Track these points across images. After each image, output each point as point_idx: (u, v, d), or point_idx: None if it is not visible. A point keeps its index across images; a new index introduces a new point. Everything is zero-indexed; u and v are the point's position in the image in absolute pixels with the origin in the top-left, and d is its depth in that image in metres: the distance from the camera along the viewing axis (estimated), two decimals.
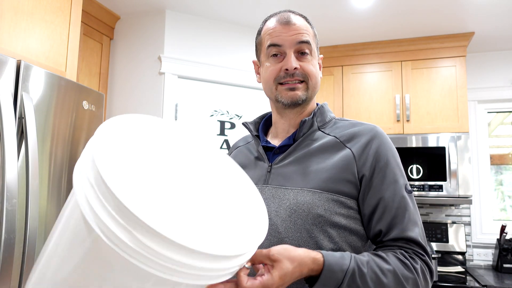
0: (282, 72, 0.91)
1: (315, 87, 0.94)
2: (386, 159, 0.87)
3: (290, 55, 0.90)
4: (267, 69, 0.94)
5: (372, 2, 2.39)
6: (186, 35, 2.57)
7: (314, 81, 0.93)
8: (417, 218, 0.85)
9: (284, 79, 0.91)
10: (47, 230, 1.37)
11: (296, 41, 0.90)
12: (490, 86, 3.05)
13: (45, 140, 1.39)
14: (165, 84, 2.47)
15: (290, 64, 0.89)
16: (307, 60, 0.92)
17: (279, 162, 0.92)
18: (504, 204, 3.04)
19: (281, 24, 0.92)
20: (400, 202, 0.84)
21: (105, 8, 2.47)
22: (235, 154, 1.06)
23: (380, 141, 0.88)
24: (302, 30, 0.92)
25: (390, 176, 0.85)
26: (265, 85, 0.96)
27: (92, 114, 1.61)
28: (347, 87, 2.97)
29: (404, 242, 0.82)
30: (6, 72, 1.27)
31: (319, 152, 0.90)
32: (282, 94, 0.92)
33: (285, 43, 0.91)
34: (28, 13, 1.59)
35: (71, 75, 1.77)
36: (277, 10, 2.82)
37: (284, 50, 0.91)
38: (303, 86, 0.92)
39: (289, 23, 0.92)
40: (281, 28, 0.92)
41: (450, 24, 2.64)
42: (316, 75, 0.93)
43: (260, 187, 0.90)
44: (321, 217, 0.83)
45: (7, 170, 1.18)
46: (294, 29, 0.91)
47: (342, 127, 0.94)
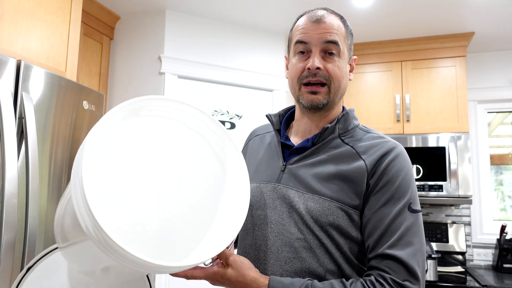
0: (305, 72, 0.89)
1: (338, 91, 0.90)
2: (394, 175, 0.83)
3: (315, 54, 0.88)
4: (293, 67, 0.92)
5: (372, 2, 2.39)
6: (186, 35, 2.57)
7: (337, 84, 0.89)
8: (413, 239, 0.78)
9: (306, 79, 0.89)
10: (47, 230, 1.37)
11: (323, 40, 0.88)
12: (490, 86, 3.05)
13: (45, 140, 1.39)
14: (165, 84, 2.47)
15: (312, 64, 0.87)
16: (333, 61, 0.89)
17: (294, 163, 0.92)
18: (504, 204, 3.04)
19: (311, 21, 0.91)
20: (396, 219, 0.79)
21: (105, 8, 2.47)
22: (254, 141, 1.06)
23: (394, 156, 0.85)
24: (331, 29, 0.89)
25: (393, 192, 0.82)
26: (290, 83, 0.95)
27: (92, 114, 1.61)
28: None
29: (387, 263, 0.76)
30: (6, 72, 1.27)
31: (335, 160, 0.88)
32: (303, 96, 0.90)
33: (312, 41, 0.89)
34: (28, 13, 1.59)
35: (71, 75, 1.77)
36: (277, 10, 2.81)
37: (310, 48, 0.89)
38: (325, 90, 0.89)
39: (319, 21, 0.89)
40: (310, 25, 0.90)
41: (450, 24, 2.64)
42: (340, 78, 0.90)
43: (273, 185, 0.91)
44: (330, 225, 0.84)
45: (7, 170, 1.18)
46: (323, 27, 0.89)
47: (362, 139, 0.91)
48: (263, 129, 1.08)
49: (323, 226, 0.84)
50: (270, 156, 0.97)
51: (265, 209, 0.90)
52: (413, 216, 0.80)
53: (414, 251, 0.77)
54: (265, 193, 0.91)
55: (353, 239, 0.84)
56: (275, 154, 0.97)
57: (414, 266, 0.75)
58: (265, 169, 0.95)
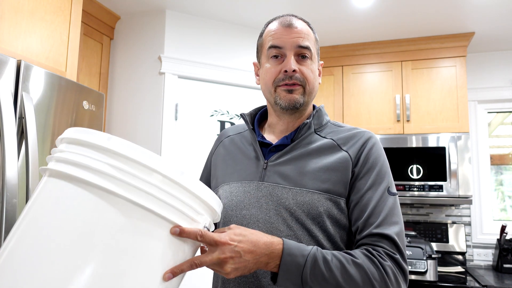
0: (281, 74, 0.91)
1: (311, 92, 0.94)
2: (374, 161, 0.89)
3: (290, 57, 0.90)
4: (267, 71, 0.94)
5: (372, 2, 2.39)
6: (186, 35, 2.57)
7: (311, 86, 0.93)
8: (397, 219, 0.84)
9: (283, 81, 0.91)
10: None
11: (296, 44, 0.91)
12: (490, 86, 3.05)
13: (45, 140, 1.39)
14: (165, 84, 2.47)
15: (289, 66, 0.89)
16: (306, 64, 0.92)
17: (276, 160, 0.92)
18: (504, 204, 3.04)
19: (283, 26, 0.93)
20: (379, 202, 0.85)
21: (105, 8, 2.47)
22: (225, 143, 1.05)
23: (372, 144, 0.91)
24: (303, 34, 0.92)
25: (374, 177, 0.88)
26: (264, 87, 0.96)
27: (92, 114, 1.61)
28: (347, 87, 2.96)
29: (377, 239, 0.81)
30: (6, 72, 1.26)
31: (316, 153, 0.91)
32: (280, 96, 0.92)
33: (286, 45, 0.91)
34: (28, 13, 1.59)
35: (71, 75, 1.77)
36: (277, 10, 2.82)
37: (284, 52, 0.91)
38: (300, 90, 0.92)
39: (291, 26, 0.92)
40: (283, 30, 0.92)
41: (450, 24, 2.64)
42: (313, 80, 0.93)
43: (256, 183, 0.91)
44: (321, 217, 0.86)
45: (7, 170, 1.18)
46: (295, 32, 0.91)
47: (337, 131, 0.96)
48: (233, 130, 1.08)
49: (315, 218, 0.86)
50: (248, 155, 0.97)
51: (250, 209, 0.89)
52: (392, 198, 0.87)
53: (399, 230, 0.83)
54: (248, 192, 0.91)
55: (344, 227, 0.88)
56: (252, 152, 0.96)
57: (400, 243, 0.81)
58: (244, 168, 0.94)
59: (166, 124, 2.45)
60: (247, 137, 1.01)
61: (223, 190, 0.95)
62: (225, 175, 0.96)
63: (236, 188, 0.93)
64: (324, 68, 3.06)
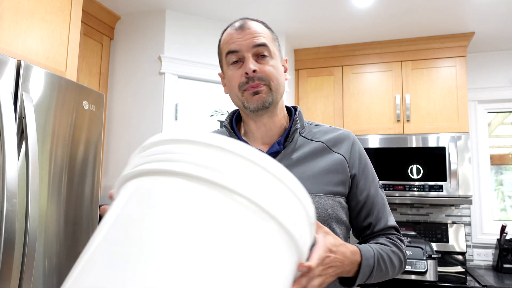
0: (243, 78, 0.89)
1: (278, 89, 0.92)
2: (364, 159, 0.98)
3: (248, 58, 0.89)
4: (230, 77, 0.93)
5: (372, 2, 2.39)
6: (186, 35, 2.57)
7: (276, 83, 0.91)
8: (389, 208, 1.00)
9: (247, 85, 0.89)
10: (47, 230, 1.37)
11: (252, 45, 0.89)
12: (490, 86, 3.05)
13: (45, 140, 1.39)
14: (165, 84, 2.47)
15: (248, 67, 0.88)
16: (266, 62, 0.90)
17: None
18: (504, 204, 3.04)
19: (236, 30, 0.92)
20: (380, 197, 0.97)
21: (105, 8, 2.47)
22: None
23: (358, 145, 0.99)
24: (257, 33, 0.91)
25: (370, 175, 0.97)
26: (231, 94, 0.95)
27: (92, 114, 1.61)
28: (347, 87, 2.96)
29: (388, 229, 0.96)
30: (6, 72, 1.27)
31: (311, 157, 0.92)
32: (248, 99, 0.90)
33: (242, 48, 0.90)
34: (28, 13, 1.59)
35: (71, 75, 1.77)
36: (277, 10, 2.81)
37: (242, 55, 0.90)
38: (266, 89, 0.90)
39: (244, 28, 0.91)
40: (236, 34, 0.91)
41: (450, 24, 2.64)
42: (277, 76, 0.92)
43: None
44: (330, 218, 0.89)
45: (7, 170, 1.18)
46: (249, 33, 0.90)
47: (320, 132, 0.98)
48: None
49: (325, 220, 0.88)
50: None
51: None
52: (382, 190, 1.00)
53: (393, 217, 1.00)
54: None
55: (345, 224, 0.94)
56: None
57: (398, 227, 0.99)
58: None
59: (166, 124, 2.45)
60: None
61: None
62: None
63: None
64: (324, 68, 3.06)
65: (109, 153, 2.56)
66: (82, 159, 1.54)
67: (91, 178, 1.58)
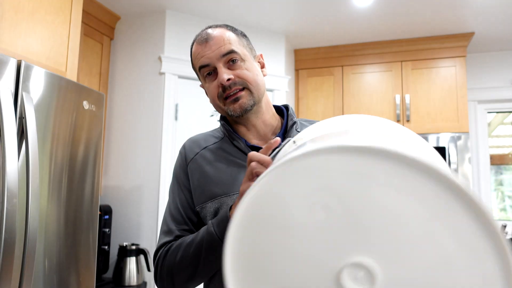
0: (220, 88, 0.90)
1: (258, 89, 0.92)
2: None
3: (220, 68, 0.90)
4: (208, 90, 0.94)
5: (372, 2, 2.39)
6: (186, 35, 2.57)
7: (254, 84, 0.91)
8: None
9: (225, 93, 0.90)
10: (47, 230, 1.37)
11: (220, 54, 0.90)
12: (490, 86, 3.05)
13: (46, 140, 1.39)
14: (165, 84, 2.48)
15: (222, 78, 0.89)
16: (239, 67, 0.91)
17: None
18: (504, 204, 3.04)
19: (200, 44, 0.93)
20: None
21: (106, 8, 2.47)
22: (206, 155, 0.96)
23: None
24: (221, 41, 0.91)
25: None
26: (214, 104, 0.96)
27: (93, 114, 1.61)
28: (347, 87, 2.97)
29: None
30: (6, 72, 1.27)
31: None
32: (230, 107, 0.91)
33: (211, 60, 0.90)
34: (29, 13, 1.59)
35: (71, 75, 1.78)
36: (277, 11, 2.80)
37: (213, 66, 0.91)
38: (246, 93, 0.91)
39: (208, 39, 0.92)
40: (202, 48, 0.92)
41: (450, 24, 2.64)
42: (254, 77, 0.92)
43: None
44: None
45: (7, 170, 1.18)
46: (213, 43, 0.91)
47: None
48: (204, 141, 1.00)
49: None
50: (241, 163, 0.92)
51: None
52: None
53: None
54: None
55: None
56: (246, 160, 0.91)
57: None
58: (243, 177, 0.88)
59: (166, 124, 2.45)
60: (231, 146, 0.96)
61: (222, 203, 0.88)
62: (220, 187, 0.90)
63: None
64: (324, 68, 3.06)
65: (109, 153, 2.56)
66: (82, 159, 1.55)
67: (91, 178, 1.58)
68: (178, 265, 0.84)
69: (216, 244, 0.77)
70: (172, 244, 0.89)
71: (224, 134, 0.98)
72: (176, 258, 0.85)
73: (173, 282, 0.86)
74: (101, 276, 2.29)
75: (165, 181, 2.42)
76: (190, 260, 0.82)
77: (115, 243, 2.40)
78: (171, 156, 2.45)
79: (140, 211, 2.44)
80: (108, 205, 2.38)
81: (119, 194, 2.50)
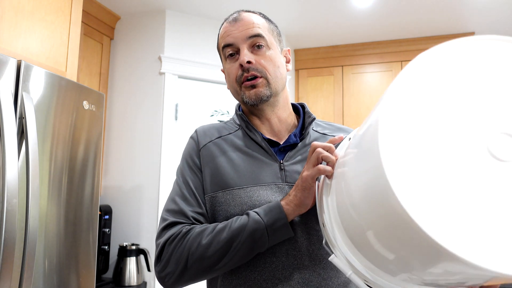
0: (239, 70, 0.88)
1: (276, 80, 0.89)
2: None
3: (243, 50, 0.87)
4: (228, 71, 0.91)
5: (372, 2, 2.39)
6: (186, 35, 2.57)
7: (273, 74, 0.88)
8: None
9: (243, 77, 0.88)
10: (47, 230, 1.37)
11: (246, 36, 0.88)
12: None
13: (46, 140, 1.39)
14: (165, 84, 2.48)
15: (242, 58, 0.86)
16: (263, 53, 0.88)
17: (291, 159, 0.88)
18: None
19: (230, 23, 0.91)
20: None
21: (106, 8, 2.47)
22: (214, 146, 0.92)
23: None
24: (251, 23, 0.89)
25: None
26: (231, 89, 0.93)
27: (93, 114, 1.61)
28: (347, 87, 2.96)
29: None
30: (6, 72, 1.27)
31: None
32: (245, 93, 0.88)
33: (237, 40, 0.88)
34: (29, 13, 1.59)
35: (71, 75, 1.78)
36: (277, 10, 2.80)
37: (237, 47, 0.89)
38: (263, 81, 0.87)
39: (237, 20, 0.90)
40: (230, 27, 0.90)
41: (450, 24, 2.64)
42: (274, 68, 0.89)
43: (278, 185, 0.85)
44: None
45: (7, 170, 1.18)
46: (242, 24, 0.89)
47: (331, 128, 0.98)
48: (217, 130, 0.97)
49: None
50: (256, 156, 0.89)
51: None
52: None
53: None
54: (272, 195, 0.84)
55: None
56: (262, 153, 0.89)
57: None
58: (257, 170, 0.87)
59: (166, 124, 2.45)
60: (246, 138, 0.92)
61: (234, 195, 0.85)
62: (234, 179, 0.86)
63: (255, 192, 0.84)
64: (324, 68, 3.06)
65: (109, 153, 2.56)
66: (82, 159, 1.55)
67: (91, 178, 1.58)
68: (202, 250, 0.77)
69: (260, 232, 0.75)
70: (191, 228, 0.81)
71: (240, 126, 0.95)
72: (200, 242, 0.77)
73: (184, 269, 0.78)
74: (101, 276, 2.29)
75: (165, 181, 2.42)
76: (220, 245, 0.76)
77: (115, 243, 2.40)
78: (171, 156, 2.45)
79: (140, 211, 2.44)
80: (108, 205, 2.38)
81: (119, 194, 2.50)
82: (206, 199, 0.87)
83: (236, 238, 0.76)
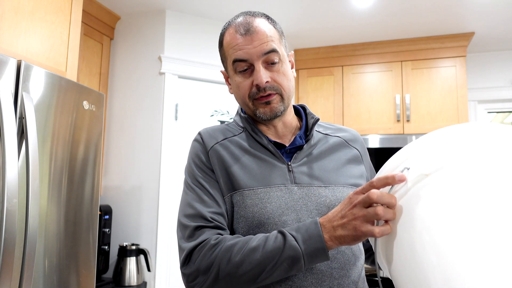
0: (254, 88, 0.86)
1: (289, 96, 0.90)
2: (369, 160, 1.04)
3: (259, 69, 0.84)
4: (239, 86, 0.88)
5: (372, 2, 2.39)
6: (186, 35, 2.57)
7: (287, 91, 0.89)
8: None
9: (257, 95, 0.86)
10: (47, 230, 1.37)
11: (262, 52, 0.84)
12: (490, 86, 3.05)
13: (46, 140, 1.39)
14: (165, 84, 2.48)
15: (260, 80, 0.84)
16: (277, 69, 0.86)
17: (298, 161, 0.90)
18: None
19: (242, 35, 0.85)
20: None
21: (105, 8, 2.47)
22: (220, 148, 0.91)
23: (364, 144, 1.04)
24: (266, 37, 0.85)
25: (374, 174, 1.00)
26: (240, 101, 0.92)
27: (93, 114, 1.61)
28: (347, 87, 2.96)
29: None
30: (6, 72, 1.27)
31: (331, 151, 0.94)
32: (259, 109, 0.88)
33: (252, 57, 0.84)
34: (29, 13, 1.59)
35: (71, 75, 1.78)
36: (277, 10, 2.79)
37: (251, 63, 0.85)
38: (277, 97, 0.87)
39: (250, 32, 0.85)
40: (243, 40, 0.85)
41: (450, 24, 2.64)
42: (288, 84, 0.89)
43: (287, 187, 0.86)
44: None
45: (7, 170, 1.18)
46: (257, 38, 0.84)
47: (333, 129, 1.01)
48: (221, 132, 0.95)
49: None
50: (264, 158, 0.89)
51: (289, 214, 0.83)
52: None
53: None
54: (282, 196, 0.85)
55: None
56: (269, 155, 0.90)
57: None
58: (266, 172, 0.87)
59: (166, 124, 2.45)
60: (251, 140, 0.93)
61: (244, 197, 0.85)
62: (244, 180, 0.86)
63: (265, 194, 0.85)
64: (324, 68, 3.06)
65: (109, 153, 2.56)
66: (82, 159, 1.55)
67: (91, 178, 1.58)
68: (233, 268, 0.75)
69: (297, 260, 0.72)
70: (220, 240, 0.79)
71: (244, 128, 0.95)
72: (230, 259, 0.76)
73: (216, 278, 0.77)
74: (101, 276, 2.29)
75: (165, 181, 2.42)
76: (252, 266, 0.74)
77: (115, 243, 2.40)
78: (171, 156, 2.45)
79: (140, 211, 2.44)
80: (108, 205, 2.38)
81: (119, 194, 2.50)
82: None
83: (271, 261, 0.73)
